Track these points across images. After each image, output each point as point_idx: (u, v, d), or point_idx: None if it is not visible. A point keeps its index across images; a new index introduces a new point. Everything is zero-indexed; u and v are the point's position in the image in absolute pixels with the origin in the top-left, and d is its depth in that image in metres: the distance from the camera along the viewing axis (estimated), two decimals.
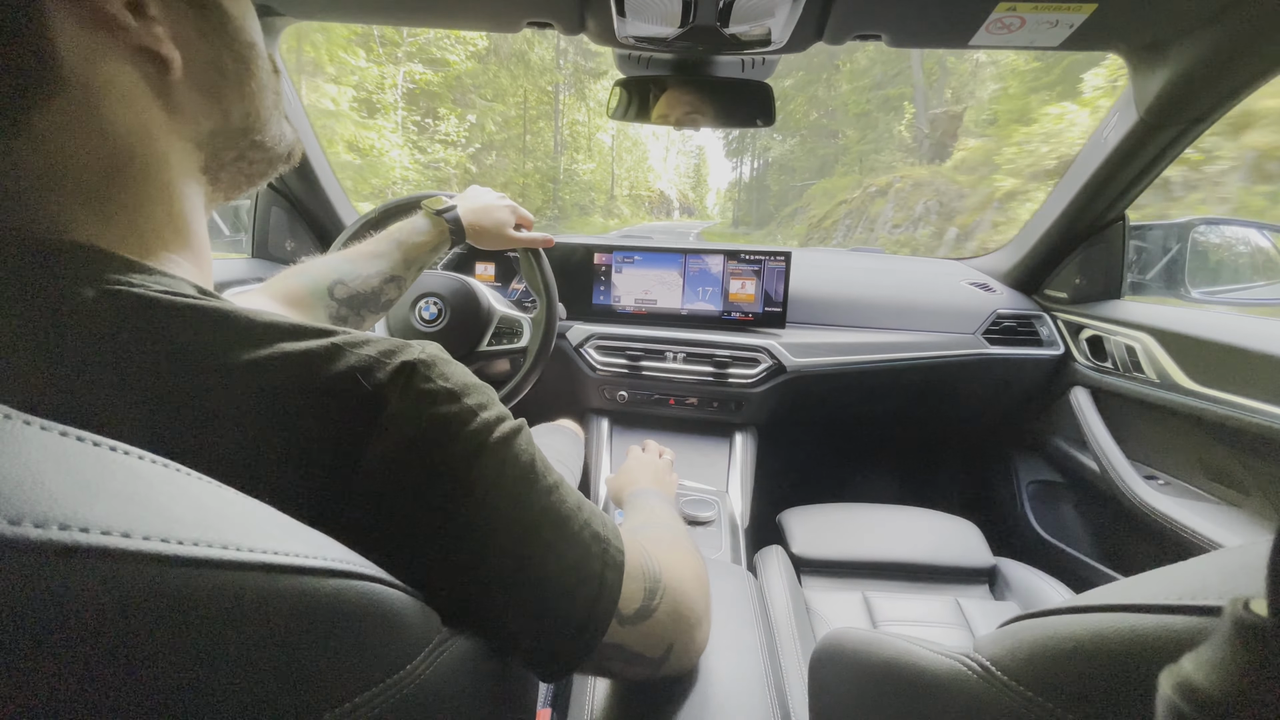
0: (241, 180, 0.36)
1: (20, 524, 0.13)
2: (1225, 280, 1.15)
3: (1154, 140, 0.97)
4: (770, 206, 23.94)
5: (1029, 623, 0.28)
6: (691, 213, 55.03)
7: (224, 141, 0.33)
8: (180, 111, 0.31)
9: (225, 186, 0.35)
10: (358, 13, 1.00)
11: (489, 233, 0.81)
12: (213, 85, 0.32)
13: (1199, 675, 0.14)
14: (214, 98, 0.32)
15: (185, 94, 0.31)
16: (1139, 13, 0.79)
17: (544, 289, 0.93)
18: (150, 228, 0.29)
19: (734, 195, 37.68)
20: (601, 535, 0.35)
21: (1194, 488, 1.00)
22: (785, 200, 19.24)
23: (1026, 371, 1.25)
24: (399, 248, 0.71)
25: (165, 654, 0.15)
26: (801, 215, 15.76)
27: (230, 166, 0.35)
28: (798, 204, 16.56)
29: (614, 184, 30.41)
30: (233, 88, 0.33)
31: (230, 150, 0.34)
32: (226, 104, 0.33)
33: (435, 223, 0.74)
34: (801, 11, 0.77)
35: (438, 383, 0.29)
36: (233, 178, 0.35)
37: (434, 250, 0.75)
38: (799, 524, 1.02)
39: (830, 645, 0.47)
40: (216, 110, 0.32)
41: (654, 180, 41.90)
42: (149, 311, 0.25)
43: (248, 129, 0.34)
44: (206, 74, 0.31)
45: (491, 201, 0.82)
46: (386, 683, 0.22)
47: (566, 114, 21.83)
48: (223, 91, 0.32)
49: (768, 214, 21.30)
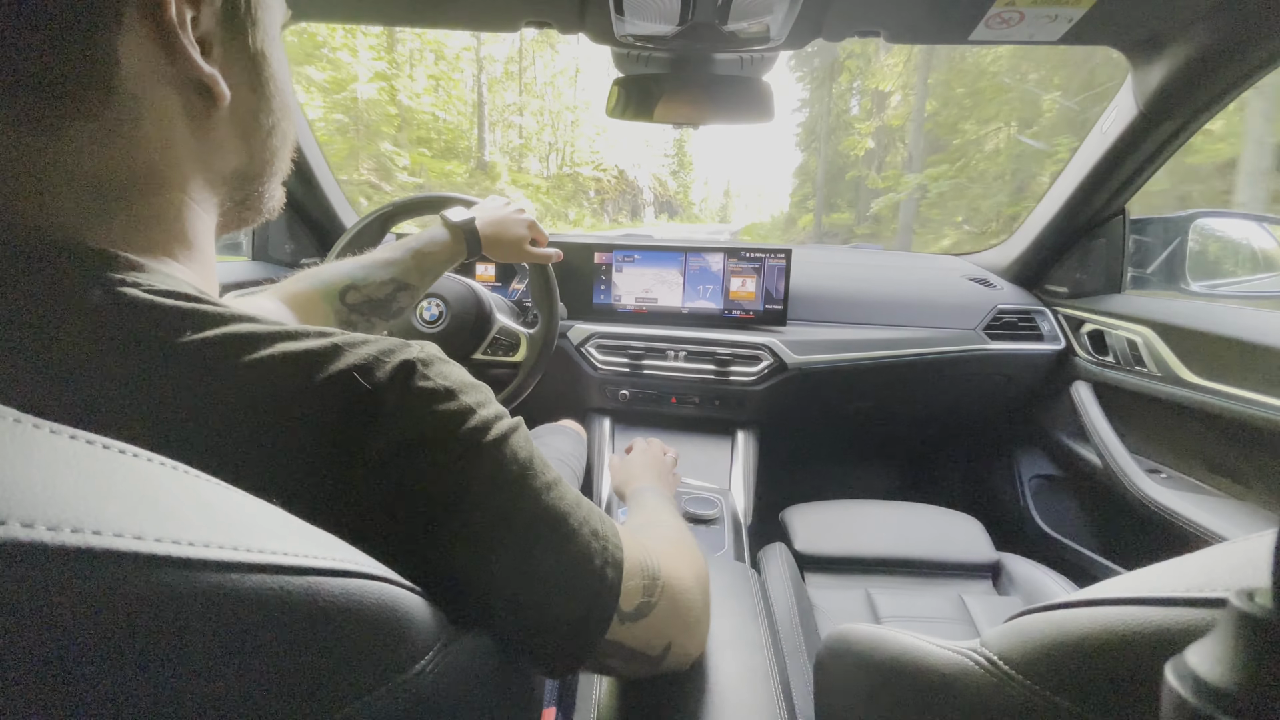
0: (234, 221, 0.37)
1: (33, 527, 0.13)
2: (1226, 273, 1.15)
3: (1154, 134, 0.96)
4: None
5: (1036, 617, 0.28)
6: (675, 211, 46.22)
7: (239, 182, 0.35)
8: (212, 146, 0.32)
9: (223, 224, 0.37)
10: (357, 13, 1.00)
11: (504, 246, 0.81)
12: (247, 131, 0.34)
13: (1203, 667, 0.14)
14: (244, 141, 0.34)
15: (222, 132, 0.32)
16: (1137, 7, 0.79)
17: (548, 306, 0.93)
18: (160, 238, 0.30)
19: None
20: (600, 533, 0.35)
21: (1196, 481, 1.00)
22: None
23: (1028, 366, 1.25)
24: (414, 256, 0.70)
25: (178, 655, 0.15)
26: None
27: (236, 207, 0.36)
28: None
29: (482, 134, 20.18)
30: (263, 139, 0.35)
31: (240, 192, 0.36)
32: (253, 150, 0.35)
33: (453, 233, 0.74)
34: (800, 8, 0.77)
35: (435, 381, 0.29)
36: (230, 218, 0.37)
37: (449, 261, 0.75)
38: (801, 521, 1.02)
39: (836, 641, 0.47)
40: (244, 152, 0.34)
41: (610, 159, 27.91)
42: (152, 313, 0.25)
43: (261, 177, 0.36)
44: (245, 120, 0.33)
45: (510, 215, 0.82)
46: (397, 681, 0.22)
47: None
48: (253, 138, 0.34)
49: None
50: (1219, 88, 0.87)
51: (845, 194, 19.71)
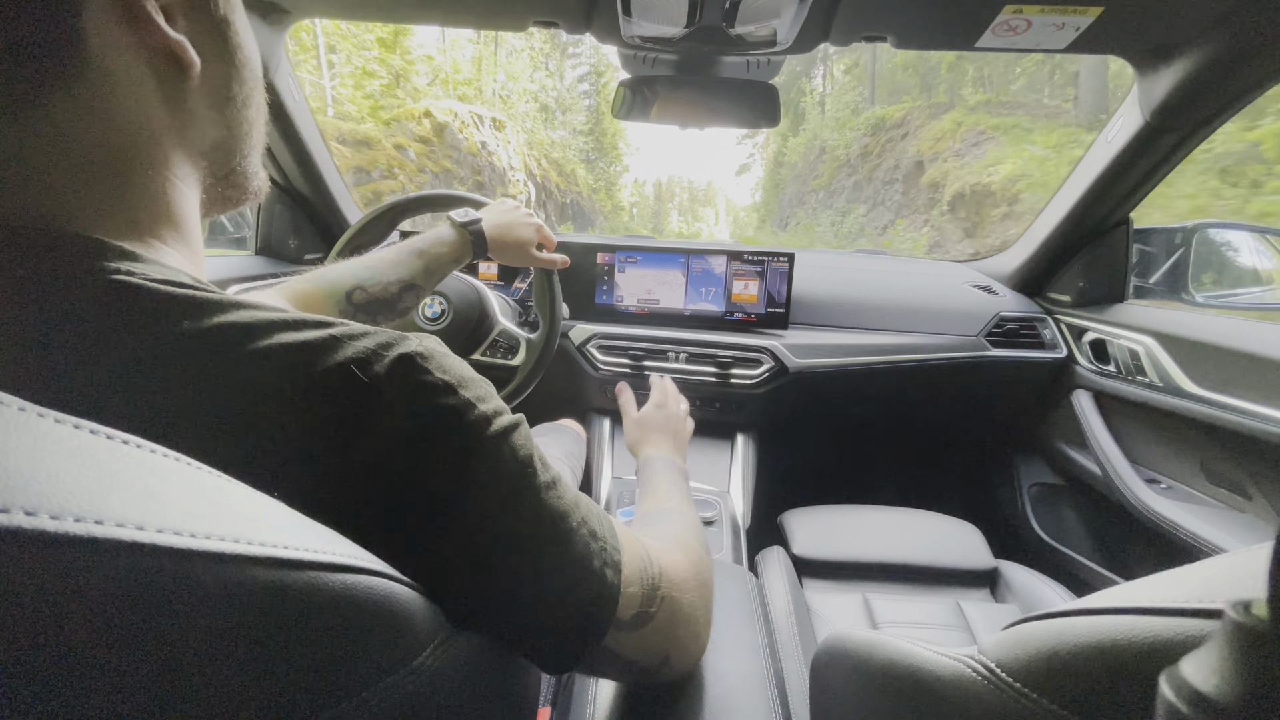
0: (218, 201, 0.37)
1: (36, 515, 0.13)
2: (1229, 284, 1.15)
3: (1159, 143, 0.96)
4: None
5: (1034, 625, 0.27)
6: (588, 219, 22.89)
7: (218, 157, 0.35)
8: (188, 118, 0.32)
9: (207, 203, 0.37)
10: (364, 10, 1.00)
11: (511, 250, 0.80)
12: (220, 101, 0.34)
13: (1197, 678, 0.14)
14: (219, 112, 0.34)
15: (195, 102, 0.32)
16: (1145, 16, 0.79)
17: (550, 311, 0.92)
18: (147, 221, 0.30)
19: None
20: (599, 534, 0.34)
21: (1196, 492, 0.99)
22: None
23: (1029, 374, 1.25)
24: (420, 257, 0.70)
25: (179, 647, 0.15)
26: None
27: (219, 184, 0.36)
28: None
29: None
30: (237, 109, 0.35)
31: (222, 167, 0.35)
32: (229, 121, 0.34)
33: (460, 234, 0.74)
34: (808, 12, 0.78)
35: (436, 375, 0.28)
36: (214, 197, 0.37)
37: (455, 262, 0.74)
38: (800, 525, 1.02)
39: (832, 646, 0.47)
40: (220, 124, 0.34)
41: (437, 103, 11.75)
42: (147, 301, 0.25)
43: (239, 150, 0.36)
44: (217, 89, 0.33)
45: (518, 219, 0.81)
46: (395, 676, 0.22)
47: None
48: (228, 109, 0.34)
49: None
50: (1226, 98, 0.87)
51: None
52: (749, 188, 42.62)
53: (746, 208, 44.11)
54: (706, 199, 69.47)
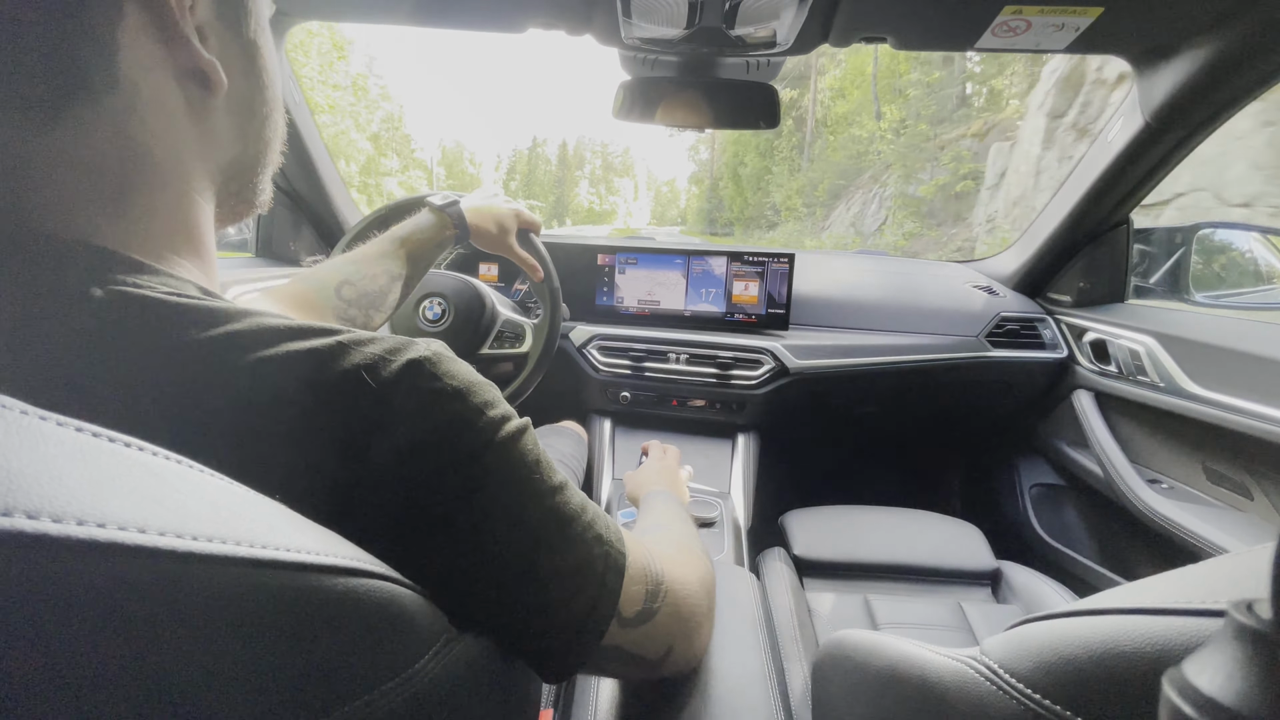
0: (228, 214, 0.37)
1: (38, 518, 0.13)
2: (1229, 285, 1.15)
3: (1159, 144, 0.96)
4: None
5: (1036, 625, 0.27)
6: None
7: (234, 173, 0.35)
8: (210, 136, 0.32)
9: (219, 216, 0.37)
10: (364, 13, 1.00)
11: (489, 234, 0.80)
12: (243, 119, 0.34)
13: (1200, 678, 0.14)
14: (241, 131, 0.34)
15: (219, 120, 0.32)
16: (1145, 17, 0.79)
17: (549, 294, 0.93)
18: (162, 233, 0.30)
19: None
20: (604, 538, 0.34)
21: (1197, 492, 0.99)
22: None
23: (1029, 374, 1.25)
24: (402, 245, 0.71)
25: (179, 649, 0.15)
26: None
27: (231, 199, 0.36)
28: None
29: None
30: (258, 128, 0.35)
31: (236, 183, 0.36)
32: (248, 139, 0.35)
33: (438, 217, 0.74)
34: (808, 14, 0.78)
35: (444, 381, 0.28)
36: (225, 210, 0.37)
37: (438, 246, 0.74)
38: (801, 526, 1.02)
39: (834, 647, 0.47)
40: (240, 142, 0.34)
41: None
42: (155, 311, 0.25)
43: (255, 167, 0.37)
44: (241, 108, 0.34)
45: (497, 203, 0.82)
46: (396, 680, 0.22)
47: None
48: (249, 127, 0.35)
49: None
50: (1225, 98, 0.87)
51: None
52: (676, 156, 39.47)
53: (668, 181, 41.06)
54: (624, 168, 66.69)
